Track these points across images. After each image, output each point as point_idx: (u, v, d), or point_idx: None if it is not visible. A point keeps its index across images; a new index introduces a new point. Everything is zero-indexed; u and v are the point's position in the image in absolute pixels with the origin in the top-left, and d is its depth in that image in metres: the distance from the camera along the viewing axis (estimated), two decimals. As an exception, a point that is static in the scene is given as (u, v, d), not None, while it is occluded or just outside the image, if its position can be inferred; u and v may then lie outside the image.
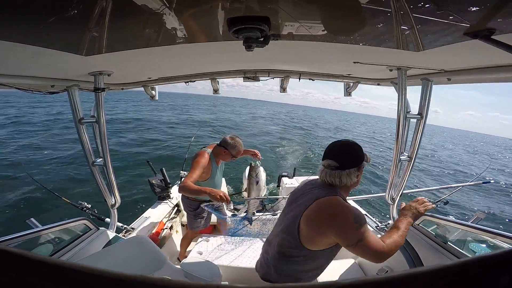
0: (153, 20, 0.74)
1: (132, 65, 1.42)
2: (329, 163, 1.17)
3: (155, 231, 2.73)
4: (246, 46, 0.84)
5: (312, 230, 1.13)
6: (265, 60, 1.59)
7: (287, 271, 1.27)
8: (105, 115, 1.73)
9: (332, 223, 1.10)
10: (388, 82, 1.92)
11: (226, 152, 2.25)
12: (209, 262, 1.83)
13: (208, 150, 2.25)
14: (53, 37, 0.81)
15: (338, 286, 0.17)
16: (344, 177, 1.15)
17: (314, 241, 1.15)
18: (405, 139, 1.71)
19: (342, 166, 1.15)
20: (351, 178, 1.16)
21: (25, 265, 0.17)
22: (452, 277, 0.18)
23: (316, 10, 0.72)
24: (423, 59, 1.21)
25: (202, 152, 2.20)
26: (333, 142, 1.26)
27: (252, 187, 2.33)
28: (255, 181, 2.31)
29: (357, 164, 1.17)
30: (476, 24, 0.67)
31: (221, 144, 2.26)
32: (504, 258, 0.18)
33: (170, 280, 0.17)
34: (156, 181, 3.07)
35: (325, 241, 1.15)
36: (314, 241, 1.15)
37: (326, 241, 1.15)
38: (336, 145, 1.23)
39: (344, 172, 1.15)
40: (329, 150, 1.22)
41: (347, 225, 1.08)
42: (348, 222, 1.08)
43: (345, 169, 1.15)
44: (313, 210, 1.13)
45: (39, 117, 17.02)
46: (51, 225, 1.59)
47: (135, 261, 1.65)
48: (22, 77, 1.33)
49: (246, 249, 2.30)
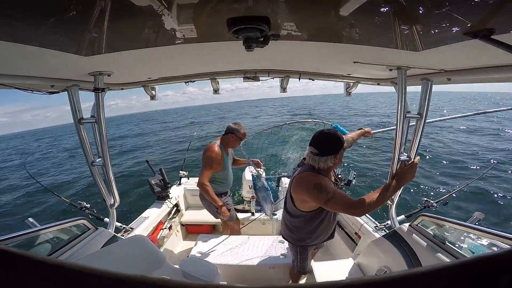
0: (153, 20, 0.74)
1: (132, 65, 1.42)
2: (311, 150, 1.47)
3: (154, 231, 2.73)
4: (246, 46, 0.84)
5: (296, 197, 1.58)
6: (265, 60, 1.59)
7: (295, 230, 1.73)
8: (104, 115, 1.73)
9: (301, 191, 1.50)
10: (388, 82, 1.92)
11: (234, 136, 2.35)
12: (207, 262, 1.84)
13: (217, 142, 2.33)
14: (53, 37, 0.81)
15: (338, 286, 0.17)
16: (322, 162, 1.45)
17: (302, 205, 1.57)
18: (404, 139, 1.71)
19: (321, 153, 1.44)
20: (327, 163, 1.46)
21: (25, 265, 0.17)
22: (452, 277, 0.18)
23: (316, 10, 0.72)
24: (423, 59, 1.21)
25: (212, 145, 2.27)
26: (318, 131, 1.53)
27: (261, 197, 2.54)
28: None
29: (334, 153, 1.45)
30: (476, 24, 0.67)
31: (227, 132, 2.37)
32: (504, 258, 0.18)
33: (169, 280, 0.17)
34: (155, 181, 3.07)
35: (308, 204, 1.54)
36: (301, 205, 1.57)
37: (309, 204, 1.53)
38: (319, 135, 1.51)
39: (322, 158, 1.44)
40: (313, 139, 1.50)
41: (310, 191, 1.43)
42: (310, 189, 1.43)
43: (323, 156, 1.44)
44: (293, 183, 1.57)
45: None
46: (49, 225, 1.59)
47: (134, 261, 1.65)
48: (22, 77, 1.33)
49: (245, 248, 2.31)
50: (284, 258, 2.16)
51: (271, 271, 2.19)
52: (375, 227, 2.44)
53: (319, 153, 1.44)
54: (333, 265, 2.18)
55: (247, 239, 2.46)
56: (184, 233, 3.37)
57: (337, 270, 2.08)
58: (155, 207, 2.97)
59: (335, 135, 1.47)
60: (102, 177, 1.93)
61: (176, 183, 3.68)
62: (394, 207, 2.05)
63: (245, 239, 2.45)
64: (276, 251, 2.23)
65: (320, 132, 1.52)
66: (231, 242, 2.39)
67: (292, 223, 1.72)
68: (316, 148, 1.45)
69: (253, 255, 2.20)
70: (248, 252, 2.24)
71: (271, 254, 2.19)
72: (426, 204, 2.16)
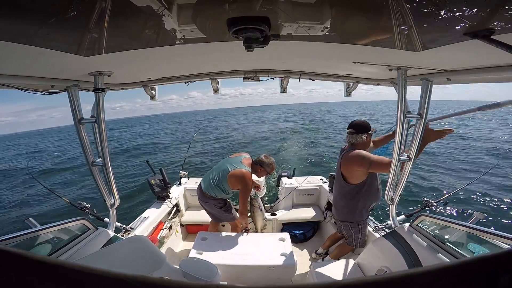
0: (153, 21, 0.74)
1: (132, 65, 1.42)
2: (349, 131, 2.12)
3: (154, 231, 2.73)
4: (246, 46, 0.84)
5: (346, 172, 2.13)
6: (265, 60, 1.59)
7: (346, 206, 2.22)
8: (105, 115, 1.73)
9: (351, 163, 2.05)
10: (388, 82, 1.93)
11: (262, 169, 2.53)
12: (207, 262, 1.83)
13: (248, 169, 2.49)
14: (53, 37, 0.81)
15: (338, 286, 0.17)
16: (358, 137, 2.08)
17: (352, 177, 2.10)
18: (404, 139, 1.71)
19: (356, 131, 2.09)
20: (362, 138, 2.08)
21: (25, 265, 0.17)
22: (452, 277, 0.18)
23: (316, 11, 0.72)
24: (423, 59, 1.21)
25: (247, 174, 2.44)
26: (353, 120, 2.20)
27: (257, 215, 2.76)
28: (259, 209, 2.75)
29: (364, 131, 2.09)
30: (476, 24, 0.67)
31: (257, 163, 2.54)
32: (504, 258, 0.18)
33: (170, 280, 0.17)
34: (155, 181, 3.06)
35: (356, 174, 2.06)
36: (352, 177, 2.10)
37: (357, 174, 2.06)
38: (353, 122, 2.18)
39: (358, 135, 2.08)
40: (350, 125, 2.16)
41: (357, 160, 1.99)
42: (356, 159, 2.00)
43: (358, 134, 2.08)
44: (342, 161, 2.14)
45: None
46: (49, 225, 1.59)
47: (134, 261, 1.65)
48: (22, 77, 1.33)
49: (245, 248, 2.30)
50: (284, 258, 2.16)
51: (271, 271, 2.19)
52: (375, 227, 2.44)
53: (355, 132, 2.08)
54: (333, 265, 2.18)
55: (247, 239, 2.45)
56: (184, 233, 3.37)
57: (337, 270, 2.08)
58: (155, 207, 2.97)
59: (364, 121, 2.17)
60: (102, 177, 1.93)
61: (176, 183, 3.68)
62: (394, 207, 2.06)
63: (245, 239, 2.45)
64: (277, 250, 2.23)
65: (354, 120, 2.21)
66: (231, 241, 2.39)
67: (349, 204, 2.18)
68: (353, 128, 2.10)
69: (254, 254, 2.20)
70: (248, 252, 2.24)
71: (272, 254, 2.19)
72: (426, 204, 2.16)
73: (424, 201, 2.19)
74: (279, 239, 2.40)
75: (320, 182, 3.57)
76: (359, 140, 2.07)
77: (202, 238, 2.42)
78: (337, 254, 2.54)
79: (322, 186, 3.47)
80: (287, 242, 2.34)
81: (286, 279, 2.23)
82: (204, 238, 2.42)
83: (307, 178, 3.62)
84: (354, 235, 2.34)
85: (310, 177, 3.71)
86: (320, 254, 2.82)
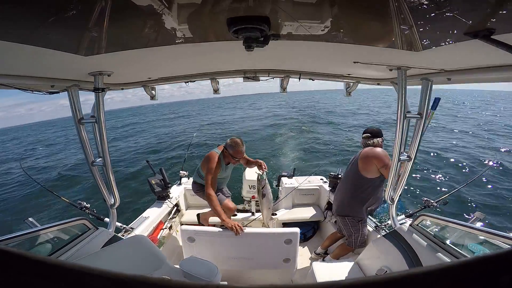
0: (153, 20, 0.74)
1: (132, 65, 1.42)
2: (366, 136, 2.39)
3: (154, 231, 2.73)
4: (246, 46, 0.84)
5: (363, 166, 2.29)
6: (265, 60, 1.59)
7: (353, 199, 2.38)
8: (104, 115, 1.73)
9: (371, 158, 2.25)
10: (388, 82, 1.92)
11: (226, 152, 2.36)
12: (208, 262, 1.83)
13: (218, 151, 2.39)
14: (53, 37, 0.81)
15: (338, 286, 0.17)
16: (375, 140, 2.34)
17: (368, 171, 2.27)
18: (404, 139, 1.71)
19: (372, 136, 2.37)
20: (378, 141, 2.35)
21: (25, 265, 0.17)
22: (452, 277, 0.18)
23: (316, 10, 0.72)
24: (423, 59, 1.21)
25: (214, 155, 2.33)
26: (368, 128, 2.48)
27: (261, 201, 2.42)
28: (262, 194, 2.38)
29: (379, 136, 2.36)
30: (476, 24, 0.67)
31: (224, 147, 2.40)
32: (504, 258, 0.18)
33: (170, 280, 0.17)
34: (155, 180, 3.06)
35: (372, 168, 2.24)
36: (368, 171, 2.27)
37: (372, 168, 2.24)
38: (369, 129, 2.44)
39: (374, 139, 2.35)
40: (365, 131, 2.44)
41: (379, 155, 2.22)
42: (377, 154, 2.22)
43: (374, 138, 2.35)
44: (361, 155, 2.33)
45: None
46: (49, 225, 1.59)
47: (134, 261, 1.65)
48: (22, 77, 1.33)
49: (245, 248, 2.30)
50: (284, 257, 2.16)
51: (271, 270, 2.19)
52: (375, 227, 2.45)
53: (371, 136, 2.36)
54: (334, 265, 2.18)
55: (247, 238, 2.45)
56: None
57: (338, 270, 2.08)
58: (156, 207, 2.97)
59: (378, 129, 2.44)
60: (102, 177, 1.93)
61: (177, 183, 3.68)
62: (394, 207, 2.05)
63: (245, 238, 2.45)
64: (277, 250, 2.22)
65: (369, 127, 2.48)
66: (231, 241, 2.39)
67: (357, 198, 2.34)
68: (370, 133, 2.38)
69: (254, 254, 2.20)
70: (248, 252, 2.23)
71: (272, 254, 2.18)
72: (426, 204, 2.16)
73: (424, 201, 2.19)
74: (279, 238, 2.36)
75: (320, 182, 3.57)
76: (375, 143, 2.35)
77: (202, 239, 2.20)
78: (337, 254, 2.56)
79: (322, 186, 3.47)
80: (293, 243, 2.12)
81: (286, 279, 2.23)
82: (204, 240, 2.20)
83: (307, 178, 3.62)
84: (354, 235, 2.38)
85: (310, 177, 3.71)
86: (320, 254, 2.82)
